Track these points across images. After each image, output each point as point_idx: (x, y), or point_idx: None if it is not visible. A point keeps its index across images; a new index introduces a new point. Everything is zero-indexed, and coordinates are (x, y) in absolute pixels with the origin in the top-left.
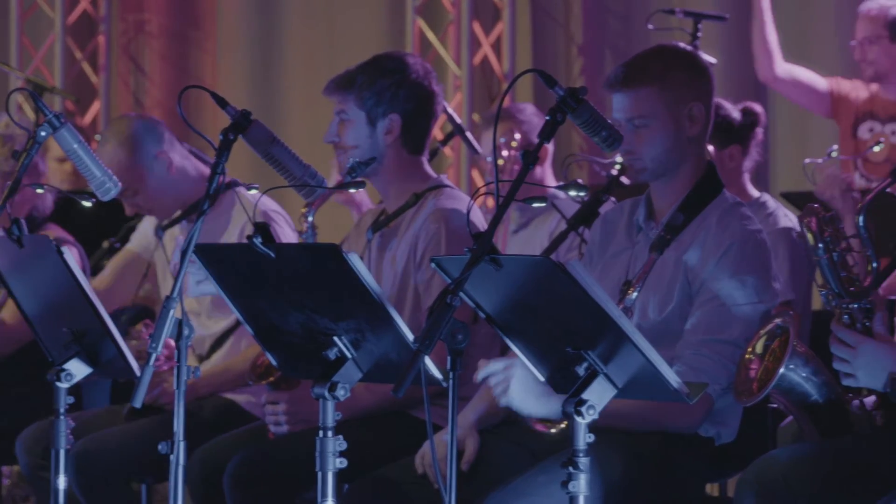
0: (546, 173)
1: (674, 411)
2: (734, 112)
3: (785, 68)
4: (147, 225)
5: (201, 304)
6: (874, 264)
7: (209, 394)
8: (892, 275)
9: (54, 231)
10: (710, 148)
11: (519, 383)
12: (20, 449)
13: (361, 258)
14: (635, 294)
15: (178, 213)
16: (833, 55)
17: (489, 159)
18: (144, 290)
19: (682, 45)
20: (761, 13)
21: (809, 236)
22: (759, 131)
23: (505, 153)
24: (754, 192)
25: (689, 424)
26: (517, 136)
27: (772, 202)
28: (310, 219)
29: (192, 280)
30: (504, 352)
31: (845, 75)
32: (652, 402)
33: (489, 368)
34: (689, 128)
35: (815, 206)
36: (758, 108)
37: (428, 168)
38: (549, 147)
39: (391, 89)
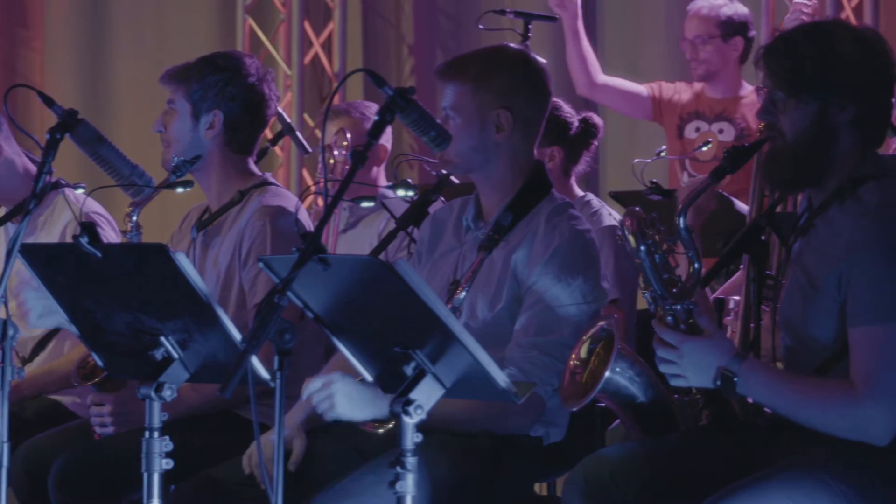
0: (381, 173)
1: (505, 412)
2: (571, 118)
3: (602, 80)
4: None
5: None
6: (696, 266)
7: (33, 396)
8: (734, 276)
9: None
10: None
11: (343, 395)
12: None
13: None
14: (463, 294)
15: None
16: (662, 61)
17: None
18: None
19: (519, 48)
20: (577, 33)
21: (631, 239)
22: (595, 143)
23: (336, 152)
24: (578, 192)
25: (520, 425)
26: (349, 135)
27: (596, 201)
28: (134, 218)
29: (34, 314)
30: (330, 351)
31: (670, 79)
32: (484, 403)
33: (309, 389)
34: (494, 134)
35: (637, 208)
36: (598, 119)
37: (253, 167)
38: (387, 146)
39: (218, 86)
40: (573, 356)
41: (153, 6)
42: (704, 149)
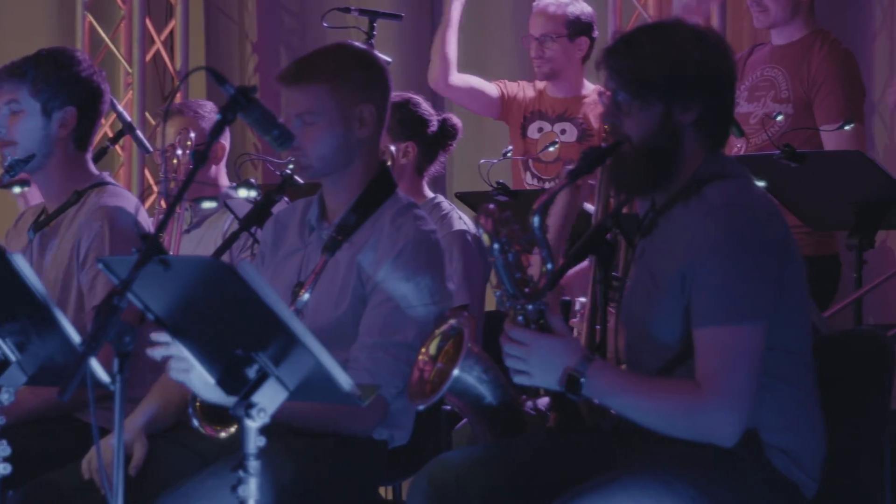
0: (220, 172)
1: (348, 414)
2: (430, 116)
3: (458, 77)
4: None
5: None
6: (549, 266)
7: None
8: (570, 273)
9: None
10: (389, 144)
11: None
12: None
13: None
14: (307, 295)
15: None
16: (509, 59)
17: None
18: None
19: (359, 45)
20: (450, 26)
21: (485, 237)
22: (452, 145)
23: (179, 151)
24: (429, 193)
25: (362, 428)
26: (192, 134)
27: (446, 204)
28: None
29: None
30: None
31: (515, 78)
32: (331, 405)
33: (163, 340)
34: (358, 129)
35: (491, 206)
36: (457, 121)
37: (91, 166)
38: (225, 145)
39: (70, 82)
40: (423, 351)
41: None
42: (551, 149)
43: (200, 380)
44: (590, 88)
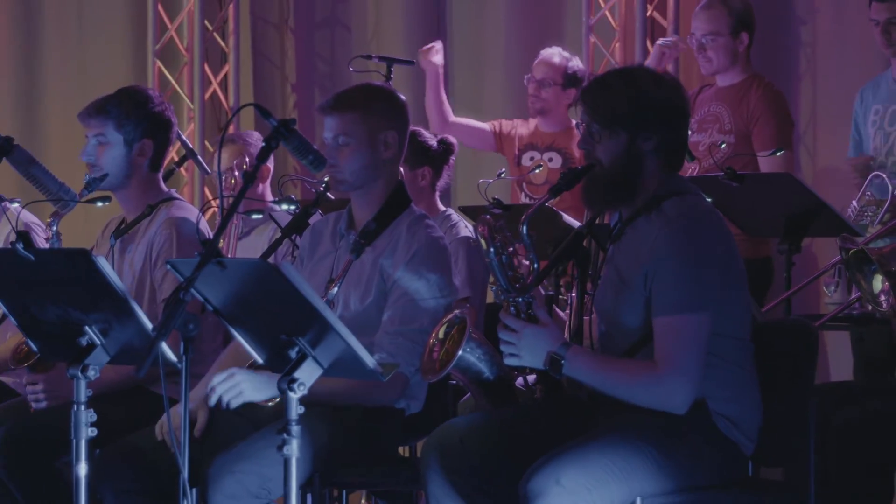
0: (266, 189)
1: (377, 389)
2: (432, 140)
3: (453, 120)
4: None
5: None
6: (536, 266)
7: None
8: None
9: None
10: (403, 169)
11: (247, 382)
12: None
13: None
14: (336, 289)
15: None
16: (503, 100)
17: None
18: None
19: (382, 83)
20: (436, 83)
21: (482, 241)
22: (452, 158)
23: (236, 173)
24: (441, 207)
25: (389, 399)
26: (247, 158)
27: (455, 215)
28: (54, 228)
29: None
30: (227, 338)
31: (508, 115)
32: (359, 381)
33: (213, 383)
34: (383, 151)
35: (488, 217)
36: (453, 139)
37: (162, 184)
38: (270, 167)
39: (146, 117)
40: (432, 336)
41: (77, 50)
42: (537, 171)
43: (250, 391)
44: (573, 124)
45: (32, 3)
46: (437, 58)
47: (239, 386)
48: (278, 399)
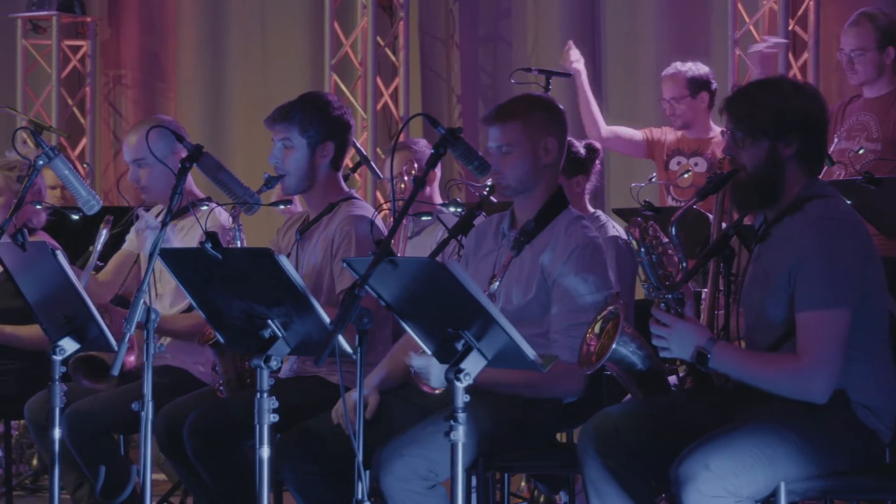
0: (434, 193)
1: (561, 380)
2: (580, 148)
3: (607, 129)
4: (132, 228)
5: (164, 293)
6: (684, 265)
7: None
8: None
9: (43, 239)
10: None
11: (435, 371)
12: (27, 411)
13: (289, 255)
14: (497, 284)
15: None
16: (654, 109)
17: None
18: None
19: (547, 95)
20: (585, 93)
21: (634, 242)
22: (598, 163)
23: (406, 178)
24: (591, 209)
25: (575, 391)
26: (416, 164)
27: (603, 216)
28: (237, 222)
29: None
30: (398, 331)
31: (659, 123)
32: (542, 373)
33: (415, 363)
34: (544, 156)
35: (639, 219)
36: (597, 144)
37: (342, 183)
38: (437, 173)
39: (328, 121)
40: (589, 330)
41: (261, 65)
42: (685, 176)
43: (437, 379)
44: (716, 130)
45: (219, 26)
46: (574, 58)
47: (427, 370)
48: (444, 387)
